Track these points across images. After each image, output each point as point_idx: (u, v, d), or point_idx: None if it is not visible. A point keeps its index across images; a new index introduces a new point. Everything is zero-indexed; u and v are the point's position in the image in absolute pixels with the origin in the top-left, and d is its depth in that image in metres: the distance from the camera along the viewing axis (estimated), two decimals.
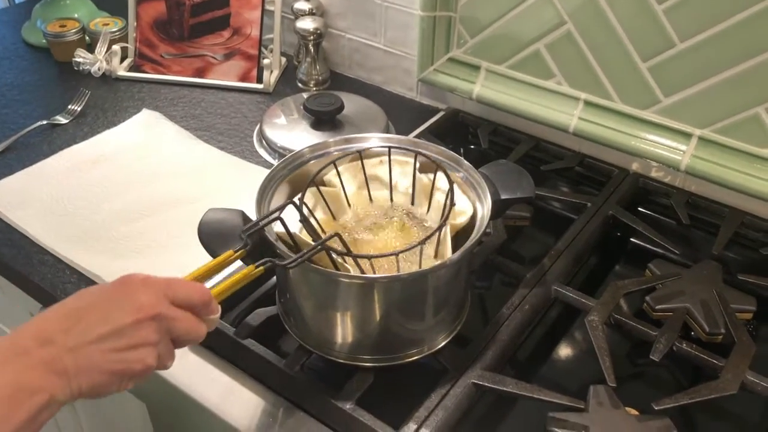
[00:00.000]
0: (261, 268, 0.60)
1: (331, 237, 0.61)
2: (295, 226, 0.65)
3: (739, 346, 0.71)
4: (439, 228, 0.64)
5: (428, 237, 0.64)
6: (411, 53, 1.14)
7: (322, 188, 0.71)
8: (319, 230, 0.68)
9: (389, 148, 0.73)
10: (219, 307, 0.57)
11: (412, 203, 0.74)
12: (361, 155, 0.73)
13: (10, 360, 0.46)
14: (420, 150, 0.73)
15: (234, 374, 0.71)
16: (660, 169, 0.97)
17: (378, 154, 0.75)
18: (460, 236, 0.69)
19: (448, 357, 0.69)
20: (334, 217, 0.72)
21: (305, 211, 0.67)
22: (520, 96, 1.04)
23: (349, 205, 0.73)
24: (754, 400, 0.69)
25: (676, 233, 0.92)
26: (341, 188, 0.73)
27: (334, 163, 0.72)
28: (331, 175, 0.73)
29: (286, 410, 0.67)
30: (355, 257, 0.62)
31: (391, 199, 0.74)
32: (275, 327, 0.72)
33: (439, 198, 0.71)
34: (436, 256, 0.67)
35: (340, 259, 0.62)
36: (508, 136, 1.07)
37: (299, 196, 0.68)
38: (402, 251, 0.63)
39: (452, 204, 0.66)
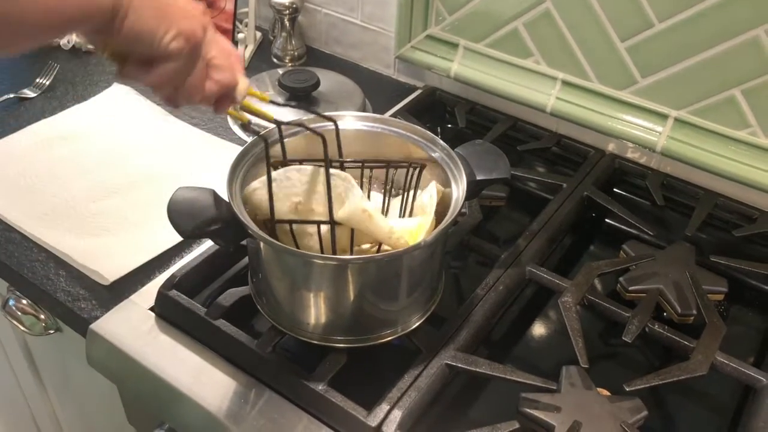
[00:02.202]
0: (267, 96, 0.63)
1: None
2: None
3: (710, 328, 0.71)
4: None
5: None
6: (389, 30, 1.12)
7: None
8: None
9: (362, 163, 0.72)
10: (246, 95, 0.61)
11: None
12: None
13: None
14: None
15: (205, 355, 0.70)
16: (636, 150, 0.97)
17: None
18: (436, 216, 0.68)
19: (421, 338, 0.69)
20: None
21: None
22: (498, 75, 1.03)
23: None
24: (723, 381, 0.70)
25: (651, 214, 0.92)
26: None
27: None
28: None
29: (258, 391, 0.67)
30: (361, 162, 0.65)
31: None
32: (247, 307, 0.71)
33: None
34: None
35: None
36: (486, 115, 1.06)
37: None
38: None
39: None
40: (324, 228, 0.64)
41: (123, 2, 0.50)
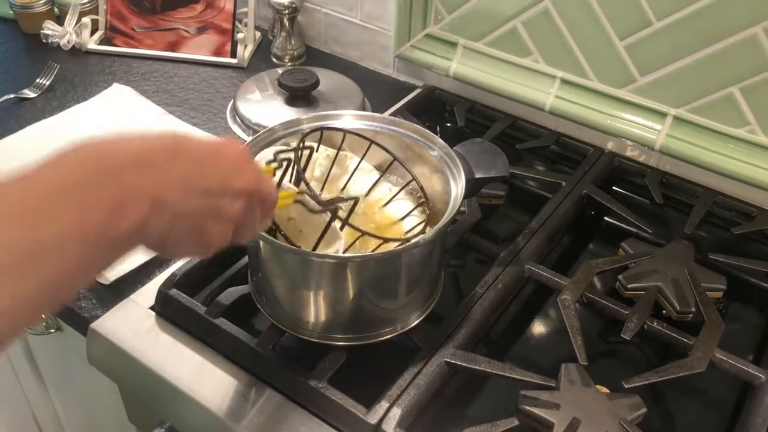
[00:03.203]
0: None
1: (352, 199, 0.61)
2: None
3: (709, 325, 0.72)
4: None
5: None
6: (388, 29, 1.12)
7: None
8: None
9: (370, 141, 0.73)
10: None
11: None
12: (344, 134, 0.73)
13: (120, 173, 0.42)
14: (396, 155, 0.72)
15: (206, 354, 0.70)
16: (635, 148, 0.97)
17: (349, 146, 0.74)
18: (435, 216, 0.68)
19: (420, 336, 0.69)
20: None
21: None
22: (497, 73, 1.03)
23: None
24: (722, 378, 0.70)
25: (650, 212, 0.92)
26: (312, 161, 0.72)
27: (321, 131, 0.71)
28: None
29: (258, 389, 0.67)
30: (366, 232, 0.62)
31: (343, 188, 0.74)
32: (247, 306, 0.71)
33: (397, 209, 0.72)
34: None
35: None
36: (485, 114, 1.06)
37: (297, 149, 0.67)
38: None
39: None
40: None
41: (157, 219, 0.43)
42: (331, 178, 0.73)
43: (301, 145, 0.67)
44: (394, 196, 0.73)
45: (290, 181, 0.65)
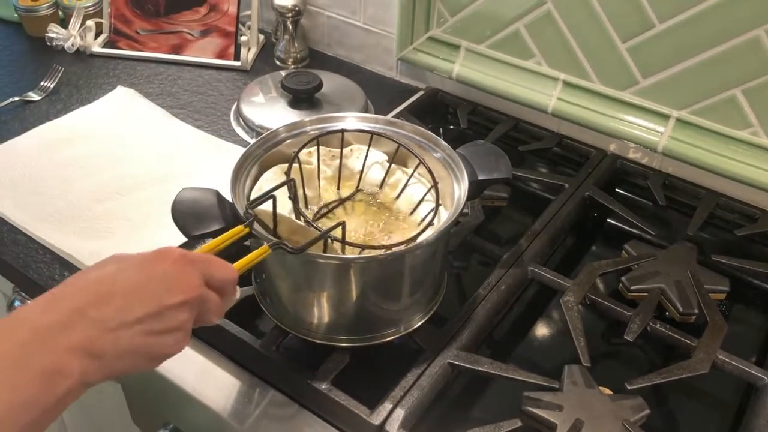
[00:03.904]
0: (270, 251, 0.58)
1: (338, 226, 0.60)
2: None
3: (712, 326, 0.72)
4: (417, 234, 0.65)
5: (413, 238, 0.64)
6: (391, 32, 1.12)
7: (303, 165, 0.71)
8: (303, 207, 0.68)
9: (371, 133, 0.73)
10: (238, 288, 0.55)
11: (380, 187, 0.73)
12: (342, 135, 0.73)
13: (47, 338, 0.43)
14: (401, 142, 0.72)
15: (209, 354, 0.70)
16: (637, 150, 0.97)
17: (355, 139, 0.74)
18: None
19: (424, 337, 0.69)
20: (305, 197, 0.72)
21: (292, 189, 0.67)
22: (500, 76, 1.03)
23: (319, 184, 0.73)
24: (725, 379, 0.70)
25: (653, 214, 0.92)
26: (316, 166, 0.72)
27: (317, 139, 0.72)
28: (306, 154, 0.73)
29: (262, 391, 0.67)
30: (362, 247, 0.62)
31: (358, 185, 0.73)
32: (251, 307, 0.71)
33: (413, 193, 0.71)
34: None
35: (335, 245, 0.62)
36: (487, 116, 1.07)
37: (287, 172, 0.68)
38: (396, 244, 0.63)
39: (433, 218, 0.67)
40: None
41: (97, 371, 0.44)
42: (344, 175, 0.73)
43: (296, 163, 0.68)
44: (407, 182, 0.72)
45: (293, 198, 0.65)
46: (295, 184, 0.66)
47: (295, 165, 0.69)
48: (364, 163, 0.73)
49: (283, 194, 0.65)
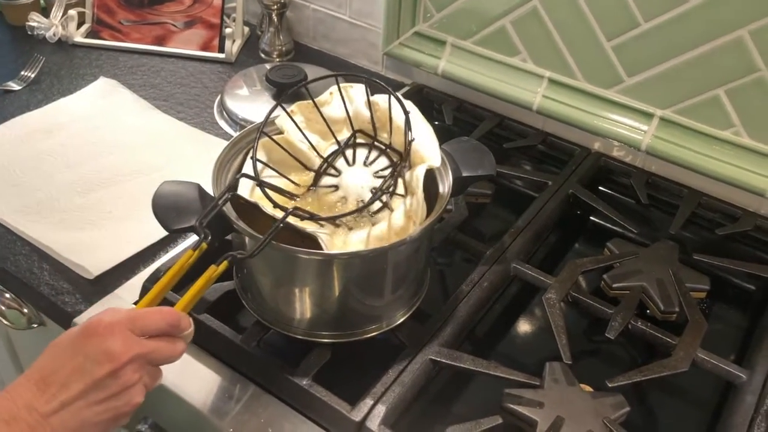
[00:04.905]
0: (223, 263, 0.58)
1: (287, 215, 0.59)
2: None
3: (692, 325, 0.72)
4: (394, 172, 0.64)
5: (371, 201, 0.64)
6: (377, 26, 1.12)
7: (276, 137, 0.70)
8: (284, 186, 0.67)
9: (335, 75, 0.71)
10: (190, 321, 0.55)
11: (374, 131, 0.71)
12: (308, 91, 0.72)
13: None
14: (368, 77, 0.71)
15: (189, 350, 0.69)
16: (621, 148, 0.98)
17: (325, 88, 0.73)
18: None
19: (406, 333, 0.69)
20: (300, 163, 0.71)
21: (261, 170, 0.66)
22: (485, 72, 1.03)
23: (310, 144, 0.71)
24: (704, 377, 0.71)
25: (635, 213, 0.93)
26: (297, 131, 0.71)
27: (282, 106, 0.70)
28: (283, 121, 0.71)
29: (242, 386, 0.67)
30: (319, 219, 0.62)
31: (352, 127, 0.71)
32: (232, 302, 0.71)
33: (399, 121, 0.69)
34: (406, 194, 0.66)
35: (305, 224, 0.61)
36: (473, 112, 1.06)
37: (251, 154, 0.66)
38: (362, 208, 0.62)
39: (410, 141, 0.65)
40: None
41: None
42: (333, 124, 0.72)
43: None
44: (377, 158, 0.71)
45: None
46: (256, 163, 0.65)
47: (265, 140, 0.68)
48: (344, 103, 0.71)
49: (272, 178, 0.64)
